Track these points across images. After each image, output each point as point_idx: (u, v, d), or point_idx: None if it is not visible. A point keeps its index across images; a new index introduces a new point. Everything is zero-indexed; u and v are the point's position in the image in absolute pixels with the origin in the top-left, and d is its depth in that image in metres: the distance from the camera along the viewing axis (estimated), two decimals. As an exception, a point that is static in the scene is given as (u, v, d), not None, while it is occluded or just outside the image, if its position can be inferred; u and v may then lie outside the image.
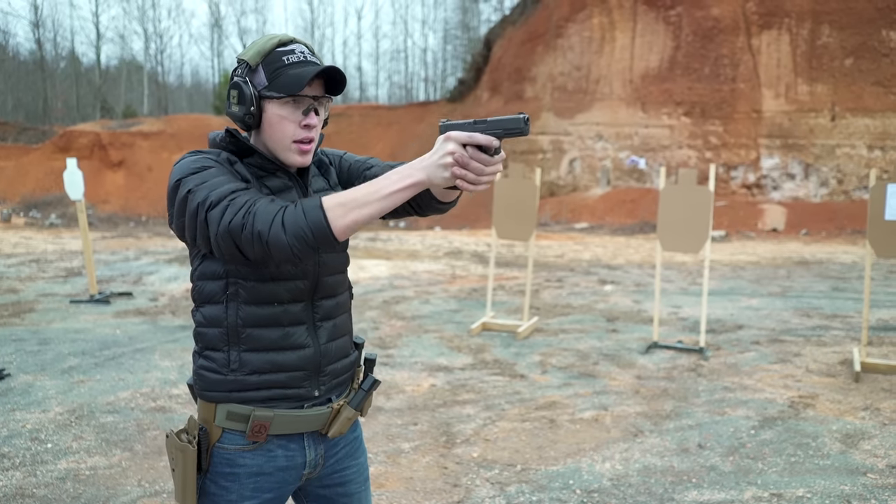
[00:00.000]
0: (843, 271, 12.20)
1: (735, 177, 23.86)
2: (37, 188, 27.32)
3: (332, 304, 1.54)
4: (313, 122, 1.42)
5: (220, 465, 1.47)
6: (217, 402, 1.46)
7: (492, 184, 1.26)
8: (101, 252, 14.36)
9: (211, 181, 1.34)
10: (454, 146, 1.25)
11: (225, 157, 1.43)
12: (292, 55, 1.41)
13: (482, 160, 1.26)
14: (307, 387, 1.50)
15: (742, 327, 7.26)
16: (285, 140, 1.42)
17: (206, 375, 1.47)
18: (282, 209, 1.29)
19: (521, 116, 1.26)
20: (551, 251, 15.41)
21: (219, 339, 1.45)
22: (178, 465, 1.46)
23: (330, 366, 1.53)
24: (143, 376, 5.33)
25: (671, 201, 6.37)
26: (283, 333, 1.45)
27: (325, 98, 1.45)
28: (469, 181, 1.27)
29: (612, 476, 3.60)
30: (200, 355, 1.49)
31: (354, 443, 1.66)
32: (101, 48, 46.64)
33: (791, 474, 3.61)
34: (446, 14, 52.17)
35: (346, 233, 1.29)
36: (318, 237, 1.27)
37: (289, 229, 1.26)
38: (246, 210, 1.29)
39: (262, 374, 1.44)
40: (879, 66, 22.65)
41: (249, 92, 1.40)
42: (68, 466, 3.66)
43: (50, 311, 7.91)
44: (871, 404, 4.76)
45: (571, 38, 27.01)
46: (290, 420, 1.48)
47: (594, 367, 5.72)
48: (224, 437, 1.47)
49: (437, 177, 1.27)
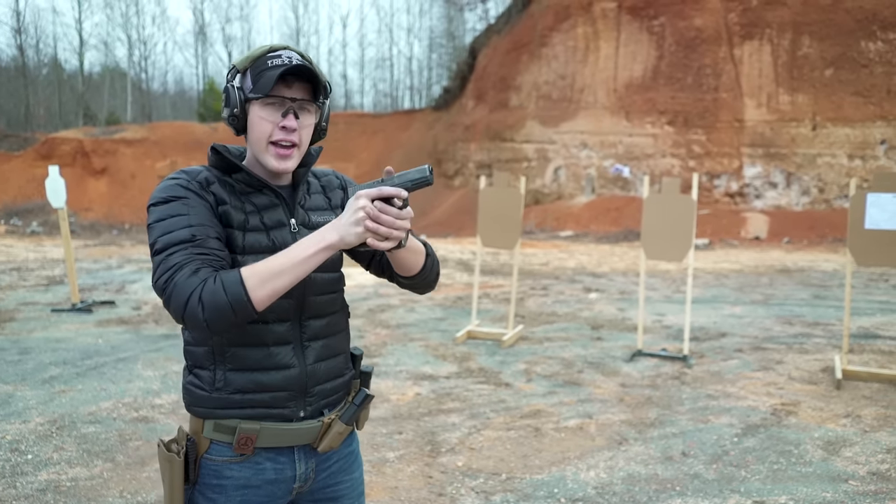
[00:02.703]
0: (825, 279, 12.33)
1: (718, 185, 24.06)
2: (18, 195, 27.04)
3: (322, 324, 1.52)
4: (291, 125, 1.41)
5: (207, 476, 1.47)
6: (203, 417, 1.46)
7: (400, 242, 1.31)
8: (84, 260, 14.22)
9: (167, 221, 1.35)
10: (364, 201, 1.26)
11: (203, 179, 1.43)
12: (278, 59, 1.41)
13: (391, 213, 1.28)
14: (292, 407, 1.48)
15: (725, 335, 7.32)
16: (262, 141, 1.42)
17: (192, 391, 1.47)
18: (201, 284, 1.28)
19: (425, 167, 1.32)
20: (536, 259, 15.46)
21: (205, 357, 1.45)
22: (165, 476, 1.46)
23: (318, 386, 1.51)
24: (125, 386, 5.28)
25: (655, 210, 6.41)
26: (266, 353, 1.44)
27: (306, 102, 1.43)
28: (381, 234, 1.28)
29: (596, 484, 3.60)
30: (190, 372, 1.49)
31: (349, 457, 1.63)
32: (84, 55, 46.29)
33: (774, 482, 3.64)
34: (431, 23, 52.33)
35: (266, 302, 1.30)
36: (237, 312, 1.28)
37: (207, 307, 1.27)
38: (169, 277, 1.29)
39: (245, 393, 1.44)
40: (859, 76, 22.96)
41: (234, 95, 1.42)
42: (49, 478, 3.61)
43: (31, 320, 7.82)
44: (852, 411, 4.80)
45: (556, 47, 27.18)
46: (278, 433, 1.47)
47: (579, 376, 5.74)
48: (212, 449, 1.46)
49: (350, 234, 1.27)
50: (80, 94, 44.26)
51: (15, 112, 43.29)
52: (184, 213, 1.36)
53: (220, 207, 1.42)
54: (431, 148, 30.38)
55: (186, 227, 1.34)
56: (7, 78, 45.83)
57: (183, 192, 1.39)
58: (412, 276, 1.54)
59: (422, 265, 1.53)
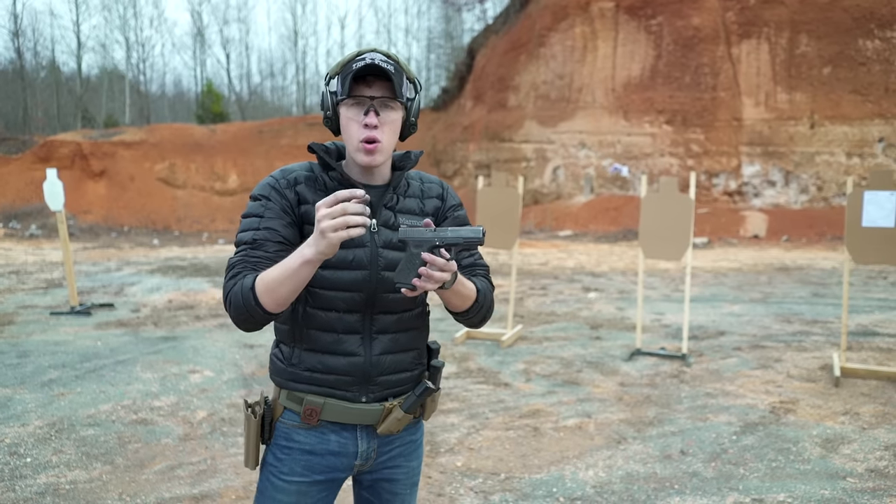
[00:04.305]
0: (823, 277, 12.34)
1: (717, 184, 24.08)
2: (16, 199, 26.99)
3: (392, 320, 1.60)
4: (371, 122, 1.49)
5: (279, 438, 1.63)
6: (280, 386, 1.63)
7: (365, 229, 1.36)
8: (83, 263, 14.22)
9: (245, 220, 1.55)
10: (321, 212, 1.32)
11: (293, 178, 1.57)
12: (362, 62, 1.48)
13: (438, 264, 1.38)
14: (354, 391, 1.58)
15: (724, 333, 7.32)
16: (353, 141, 1.53)
17: (275, 362, 1.64)
18: (232, 287, 1.46)
19: (479, 228, 1.44)
20: (535, 259, 15.46)
21: (287, 335, 1.61)
22: (245, 432, 1.64)
23: (382, 377, 1.60)
24: (124, 389, 5.28)
25: (653, 209, 6.41)
26: (336, 339, 1.56)
27: (387, 99, 1.50)
28: (425, 286, 1.39)
29: (595, 483, 3.61)
30: (276, 346, 1.66)
31: (411, 445, 1.72)
32: (82, 57, 46.27)
33: (772, 479, 3.65)
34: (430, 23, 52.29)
35: (277, 306, 1.42)
36: (252, 313, 1.43)
37: (232, 306, 1.45)
38: (226, 272, 1.51)
39: (314, 372, 1.57)
40: (856, 74, 22.99)
41: (328, 99, 1.55)
42: (48, 481, 3.61)
43: (30, 323, 7.82)
44: (850, 409, 4.81)
45: (554, 47, 27.19)
46: (341, 410, 1.58)
47: (578, 375, 5.74)
48: (285, 414, 1.62)
49: (321, 246, 1.33)
50: (79, 97, 44.23)
51: (13, 115, 43.25)
52: (259, 213, 1.54)
53: (301, 207, 1.55)
54: (430, 148, 30.38)
55: (253, 230, 1.52)
56: (5, 81, 45.77)
57: (268, 192, 1.56)
58: (456, 313, 1.64)
59: (466, 308, 1.61)
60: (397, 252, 1.55)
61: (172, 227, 26.75)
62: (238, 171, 30.13)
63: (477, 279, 1.65)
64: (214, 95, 39.75)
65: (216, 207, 28.05)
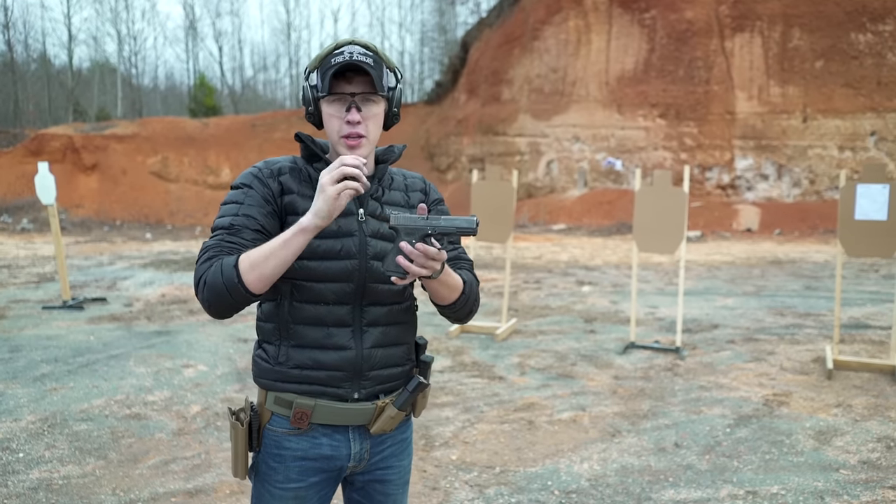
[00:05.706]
0: (816, 270, 12.39)
1: (710, 178, 24.12)
2: (8, 192, 26.82)
3: (382, 312, 1.58)
4: (354, 118, 1.49)
5: (269, 445, 1.58)
6: (266, 388, 1.58)
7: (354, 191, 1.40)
8: (75, 257, 14.15)
9: (225, 206, 1.52)
10: (325, 177, 1.35)
11: (277, 168, 1.56)
12: (340, 56, 1.47)
13: (430, 253, 1.38)
14: (347, 388, 1.55)
15: (717, 327, 7.35)
16: (335, 136, 1.53)
17: (259, 363, 1.59)
18: (207, 269, 1.42)
19: (472, 218, 1.42)
20: (529, 253, 15.47)
21: (272, 333, 1.56)
22: (232, 441, 1.59)
23: (373, 371, 1.57)
24: (117, 383, 5.26)
25: (646, 203, 6.42)
26: (325, 333, 1.53)
27: (368, 94, 1.50)
28: (413, 271, 1.39)
29: (590, 476, 3.62)
30: (259, 346, 1.61)
31: (402, 444, 1.70)
32: (74, 50, 45.98)
33: (766, 472, 3.66)
34: (423, 17, 52.12)
35: (259, 284, 1.40)
36: (231, 292, 1.39)
37: (207, 288, 1.41)
38: (199, 256, 1.46)
39: (303, 369, 1.53)
40: (849, 68, 23.03)
41: (308, 94, 1.54)
42: (41, 476, 3.60)
43: (22, 317, 7.78)
44: (843, 401, 4.83)
45: (548, 40, 27.14)
46: (332, 411, 1.55)
47: (572, 368, 5.75)
48: (273, 420, 1.58)
49: (319, 201, 1.36)
50: (70, 90, 43.93)
51: (4, 108, 42.92)
52: (239, 200, 1.51)
53: (285, 197, 1.53)
54: (424, 142, 30.32)
55: (232, 216, 1.49)
56: (-5, 74, 45.37)
57: (249, 181, 1.54)
58: (441, 306, 1.63)
59: (453, 300, 1.60)
60: (385, 242, 1.55)
61: (165, 220, 26.62)
62: (231, 164, 30.00)
63: (462, 272, 1.65)
64: (207, 89, 39.53)
65: (209, 201, 27.92)
